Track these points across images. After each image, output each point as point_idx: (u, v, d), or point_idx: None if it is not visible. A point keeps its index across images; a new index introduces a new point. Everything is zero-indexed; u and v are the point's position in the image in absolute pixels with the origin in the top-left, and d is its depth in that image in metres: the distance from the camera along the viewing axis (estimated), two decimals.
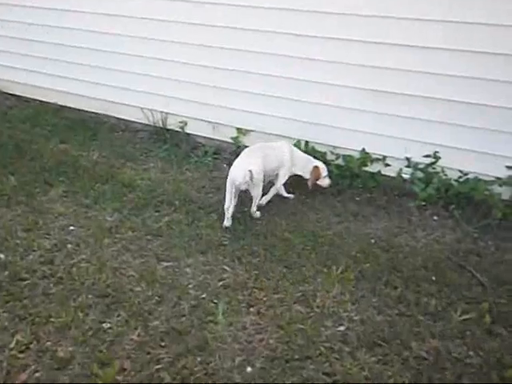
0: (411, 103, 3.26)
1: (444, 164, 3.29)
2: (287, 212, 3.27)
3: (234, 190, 2.97)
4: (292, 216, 3.22)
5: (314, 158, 3.46)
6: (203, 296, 2.47)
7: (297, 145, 3.76)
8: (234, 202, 3.01)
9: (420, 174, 3.37)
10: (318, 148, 3.68)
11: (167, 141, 4.29)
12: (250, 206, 3.17)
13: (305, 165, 3.32)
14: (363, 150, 3.52)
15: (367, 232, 3.07)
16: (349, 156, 3.57)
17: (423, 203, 3.33)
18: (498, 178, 3.15)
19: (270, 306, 2.41)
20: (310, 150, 3.72)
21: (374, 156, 3.50)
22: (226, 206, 3.04)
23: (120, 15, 4.27)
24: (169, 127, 4.33)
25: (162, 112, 4.33)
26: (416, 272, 2.66)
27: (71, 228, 3.02)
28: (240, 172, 2.95)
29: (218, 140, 4.16)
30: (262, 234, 3.00)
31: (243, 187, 2.97)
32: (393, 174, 3.48)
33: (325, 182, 3.35)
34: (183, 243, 2.90)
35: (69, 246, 2.84)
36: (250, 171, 2.91)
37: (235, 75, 3.89)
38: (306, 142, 3.74)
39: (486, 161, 3.16)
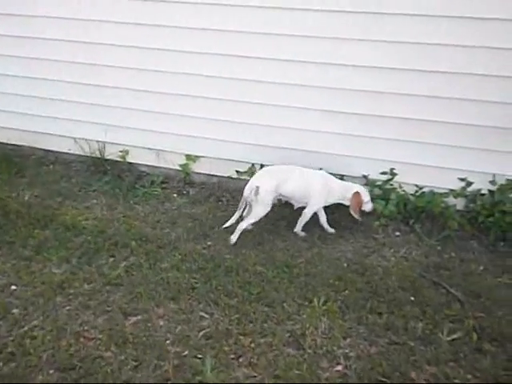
0: (366, 122, 3.28)
1: (400, 180, 3.35)
2: (254, 242, 3.12)
3: (243, 200, 3.03)
4: (260, 246, 3.08)
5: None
6: (185, 353, 2.23)
7: (251, 169, 3.65)
8: (239, 214, 3.06)
9: (378, 191, 3.40)
10: None
11: (107, 172, 3.94)
12: (219, 239, 2.99)
13: (343, 192, 3.12)
14: (320, 169, 3.48)
15: (338, 256, 3.01)
16: None
17: (384, 220, 3.37)
18: (452, 190, 3.27)
19: (261, 353, 2.23)
20: None
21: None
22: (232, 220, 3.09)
23: (41, 38, 3.85)
24: (108, 157, 3.98)
25: (98, 141, 3.97)
26: (395, 294, 2.64)
27: (13, 288, 2.60)
28: (249, 184, 3.01)
29: (164, 168, 3.90)
30: (234, 269, 2.81)
31: (249, 200, 2.98)
32: None
33: (368, 206, 3.15)
34: (149, 291, 2.62)
35: (14, 310, 2.43)
36: (257, 187, 2.93)
37: (180, 100, 3.67)
38: (261, 166, 3.63)
39: (439, 174, 3.27)
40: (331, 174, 3.44)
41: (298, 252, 3.03)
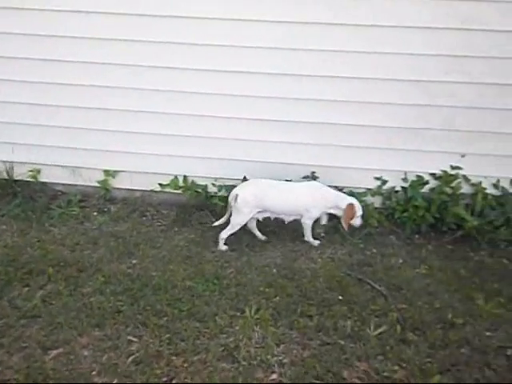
0: (286, 129, 3.34)
1: (322, 183, 3.44)
2: (181, 256, 3.04)
3: (228, 207, 3.10)
4: (188, 260, 3.00)
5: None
6: (114, 382, 2.10)
7: (174, 181, 3.57)
8: (225, 218, 3.13)
9: None
10: (199, 181, 3.54)
11: (18, 194, 3.64)
12: (144, 256, 2.88)
13: (337, 202, 3.07)
14: (244, 177, 3.49)
15: (267, 262, 3.02)
16: (232, 186, 3.49)
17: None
18: (369, 189, 3.43)
19: (195, 372, 2.17)
20: (189, 184, 3.55)
21: None
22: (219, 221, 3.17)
23: None
24: (17, 178, 3.69)
25: (5, 162, 3.66)
26: (324, 295, 2.70)
27: None
28: (231, 192, 3.09)
29: (81, 186, 3.70)
30: (162, 287, 2.71)
31: (230, 208, 3.06)
32: None
33: (357, 221, 3.11)
34: (71, 320, 2.45)
35: None
36: (237, 195, 2.99)
37: (94, 113, 3.50)
38: (185, 177, 3.56)
39: (357, 175, 3.41)
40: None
41: (227, 262, 2.99)
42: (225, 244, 3.12)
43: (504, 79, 3.07)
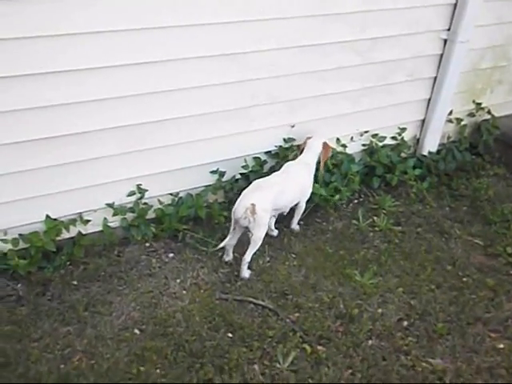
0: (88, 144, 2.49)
1: (153, 194, 2.79)
2: None
3: (234, 225, 2.54)
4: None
5: None
6: None
7: None
8: (233, 240, 2.62)
9: (133, 216, 2.76)
10: None
11: None
12: None
13: (314, 154, 2.86)
14: (48, 217, 2.54)
15: (122, 322, 2.29)
16: (32, 233, 2.51)
17: (148, 245, 2.79)
18: (209, 186, 2.94)
19: None
20: None
21: (66, 218, 2.60)
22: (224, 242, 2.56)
23: None
24: None
25: None
26: (212, 342, 2.20)
27: None
28: (241, 203, 2.49)
29: None
30: None
31: (244, 223, 2.49)
32: (99, 228, 2.71)
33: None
34: None
35: None
36: (253, 205, 2.44)
37: None
38: None
39: (191, 174, 2.86)
40: (64, 217, 2.59)
41: (65, 349, 2.13)
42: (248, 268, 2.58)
43: (318, 40, 2.86)
